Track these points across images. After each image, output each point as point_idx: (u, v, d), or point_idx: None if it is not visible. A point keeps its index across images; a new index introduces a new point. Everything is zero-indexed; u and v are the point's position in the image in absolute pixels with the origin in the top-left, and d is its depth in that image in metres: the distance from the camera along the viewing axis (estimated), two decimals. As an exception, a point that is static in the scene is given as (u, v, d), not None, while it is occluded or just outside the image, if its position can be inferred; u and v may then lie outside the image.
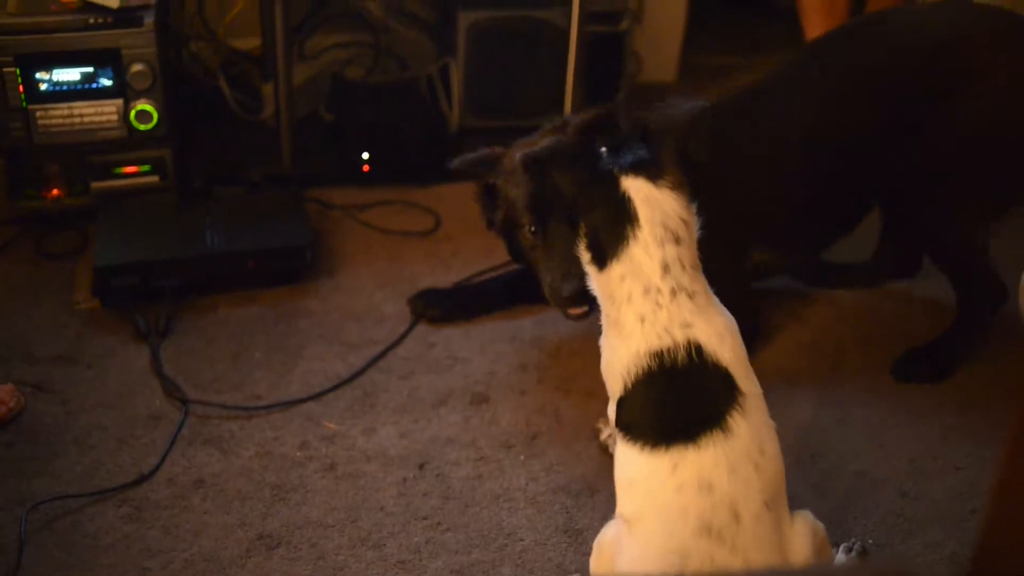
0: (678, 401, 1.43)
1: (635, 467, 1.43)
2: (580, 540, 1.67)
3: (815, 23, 2.89)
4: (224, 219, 2.24)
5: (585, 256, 1.50)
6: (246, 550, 1.64)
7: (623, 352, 1.45)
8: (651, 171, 1.45)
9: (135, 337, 2.05)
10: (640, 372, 1.44)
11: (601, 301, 1.50)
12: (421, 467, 1.81)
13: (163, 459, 1.79)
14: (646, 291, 1.43)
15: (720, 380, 1.43)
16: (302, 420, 1.89)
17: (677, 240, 1.44)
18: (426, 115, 2.70)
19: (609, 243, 1.45)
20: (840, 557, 1.59)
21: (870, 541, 1.67)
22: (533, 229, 1.81)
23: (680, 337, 1.43)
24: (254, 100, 2.75)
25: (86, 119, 2.25)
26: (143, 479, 1.75)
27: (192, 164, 2.49)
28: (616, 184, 1.44)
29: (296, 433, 1.86)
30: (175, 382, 1.95)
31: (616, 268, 1.45)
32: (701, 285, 1.47)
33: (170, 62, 2.40)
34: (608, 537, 1.45)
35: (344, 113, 2.67)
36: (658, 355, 1.43)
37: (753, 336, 1.75)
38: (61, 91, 2.21)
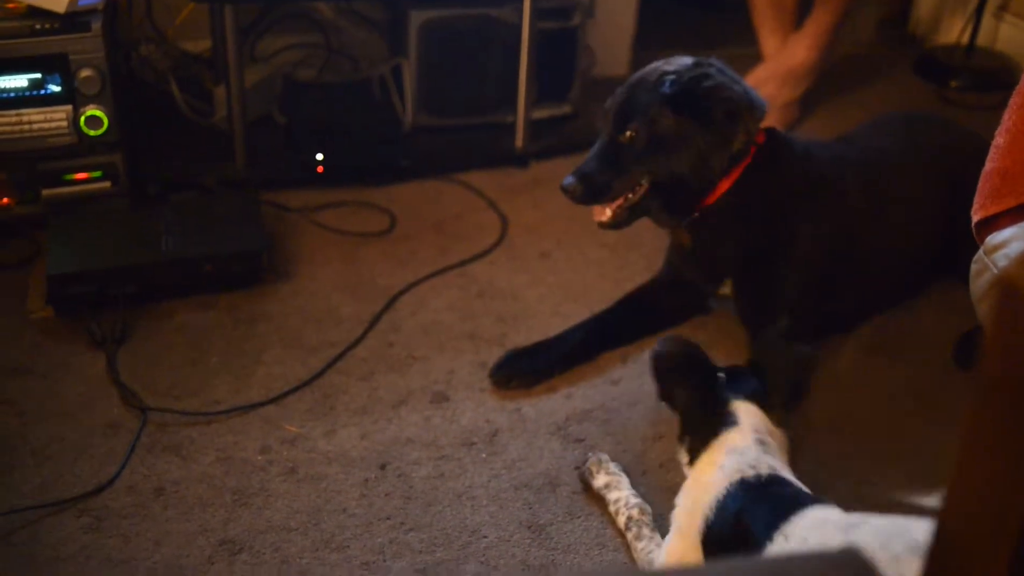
0: None
1: None
2: (543, 535, 1.68)
3: (765, 20, 2.93)
4: (179, 224, 2.22)
5: (683, 458, 1.65)
6: (208, 557, 1.64)
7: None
8: (761, 402, 1.62)
9: (91, 345, 2.03)
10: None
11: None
12: (383, 468, 1.81)
13: (122, 467, 1.78)
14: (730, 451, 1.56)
15: None
16: (262, 424, 1.89)
17: (766, 446, 1.56)
18: (379, 115, 2.69)
19: (703, 443, 1.60)
20: None
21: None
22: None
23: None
24: (206, 103, 2.73)
25: (35, 126, 2.21)
26: (102, 488, 1.74)
27: (145, 169, 2.47)
28: (725, 407, 1.60)
29: (256, 437, 1.86)
30: (132, 390, 1.94)
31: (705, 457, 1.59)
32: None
33: (119, 66, 2.37)
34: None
35: (297, 115, 2.66)
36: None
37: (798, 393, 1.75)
38: (8, 98, 2.18)
